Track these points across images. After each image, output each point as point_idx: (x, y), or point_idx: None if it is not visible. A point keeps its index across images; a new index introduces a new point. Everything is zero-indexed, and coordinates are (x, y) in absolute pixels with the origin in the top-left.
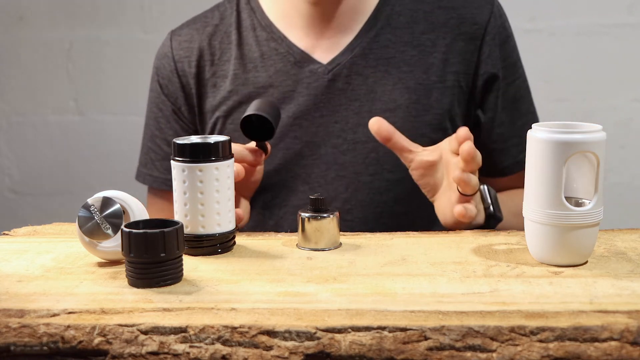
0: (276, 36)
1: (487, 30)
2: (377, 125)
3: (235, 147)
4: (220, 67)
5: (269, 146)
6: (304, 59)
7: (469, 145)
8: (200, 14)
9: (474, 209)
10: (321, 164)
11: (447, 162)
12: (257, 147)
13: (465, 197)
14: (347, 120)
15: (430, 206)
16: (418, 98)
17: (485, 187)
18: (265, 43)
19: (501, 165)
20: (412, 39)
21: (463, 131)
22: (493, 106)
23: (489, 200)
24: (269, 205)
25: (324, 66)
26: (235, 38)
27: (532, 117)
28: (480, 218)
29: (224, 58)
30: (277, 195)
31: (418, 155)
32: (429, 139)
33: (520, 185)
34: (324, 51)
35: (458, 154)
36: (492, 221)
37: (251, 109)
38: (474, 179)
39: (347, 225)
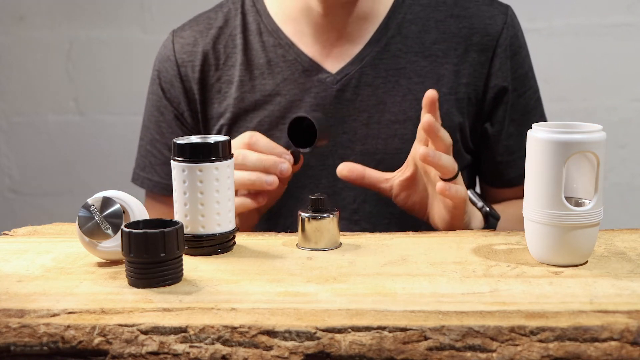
0: (284, 42)
1: (499, 42)
2: (347, 169)
3: (275, 148)
4: (226, 72)
5: (302, 158)
6: (312, 67)
7: (427, 117)
8: (202, 13)
9: (460, 189)
10: (329, 175)
11: (423, 168)
12: (291, 153)
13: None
14: (356, 131)
15: None
16: None
17: (471, 191)
18: (272, 49)
19: (507, 177)
20: (423, 48)
21: (426, 118)
22: (501, 119)
23: (481, 202)
24: (276, 215)
25: (332, 76)
26: (240, 42)
27: None
28: (478, 221)
29: (229, 63)
30: (284, 205)
31: (394, 180)
32: None
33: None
34: (333, 60)
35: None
36: (491, 220)
37: (304, 112)
38: (446, 157)
39: (358, 225)
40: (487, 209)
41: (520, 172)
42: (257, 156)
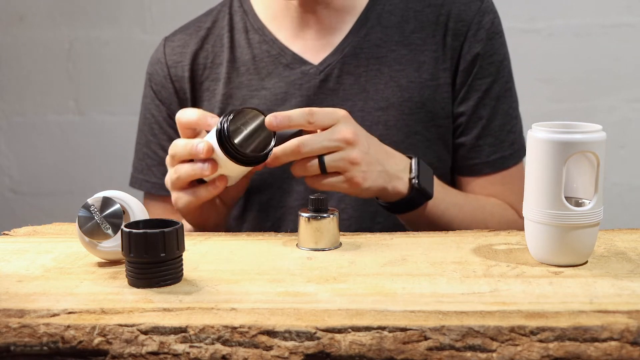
0: (268, 39)
1: (471, 26)
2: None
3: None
4: (214, 70)
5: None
6: (295, 60)
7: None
8: (193, 19)
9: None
10: None
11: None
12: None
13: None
14: None
15: None
16: (410, 96)
17: (416, 160)
18: (257, 46)
19: (471, 161)
20: (402, 38)
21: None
22: (469, 101)
23: (415, 172)
24: (266, 207)
25: (315, 67)
26: (227, 41)
27: (510, 120)
28: (403, 186)
29: (217, 61)
30: (273, 197)
31: None
32: (422, 137)
33: (495, 192)
34: (315, 52)
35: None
36: (417, 195)
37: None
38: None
39: (343, 224)
40: (417, 182)
41: (486, 160)
42: (184, 143)
